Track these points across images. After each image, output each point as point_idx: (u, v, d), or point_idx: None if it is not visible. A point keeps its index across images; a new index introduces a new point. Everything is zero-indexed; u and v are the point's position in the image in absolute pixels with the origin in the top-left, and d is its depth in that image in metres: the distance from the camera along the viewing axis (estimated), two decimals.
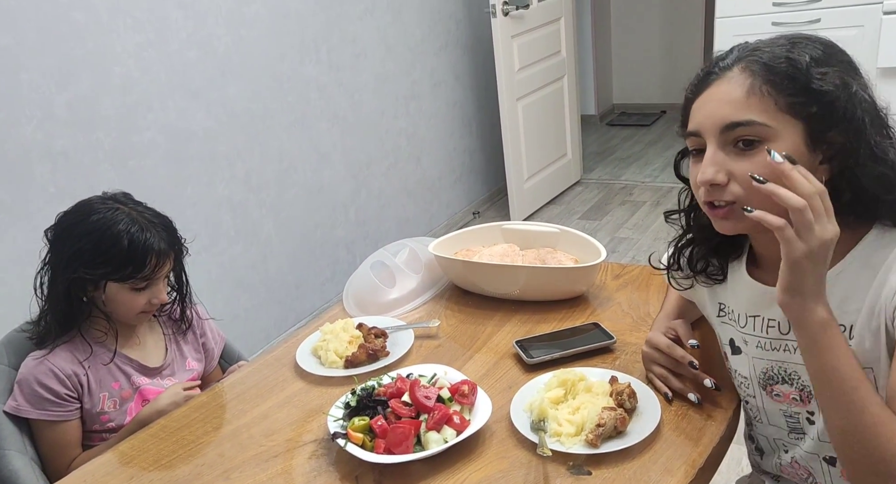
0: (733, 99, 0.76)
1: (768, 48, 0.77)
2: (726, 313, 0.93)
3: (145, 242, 1.15)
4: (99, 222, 1.15)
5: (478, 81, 3.57)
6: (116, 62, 1.96)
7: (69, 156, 1.87)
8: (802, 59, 0.75)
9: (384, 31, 2.93)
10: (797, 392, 0.86)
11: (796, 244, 0.68)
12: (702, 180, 0.78)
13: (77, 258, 1.15)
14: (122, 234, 1.14)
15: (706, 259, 0.93)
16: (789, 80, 0.74)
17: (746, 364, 0.91)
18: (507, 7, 3.11)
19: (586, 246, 1.41)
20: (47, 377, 1.17)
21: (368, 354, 1.20)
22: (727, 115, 0.76)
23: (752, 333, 0.88)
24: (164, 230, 1.20)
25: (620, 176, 3.98)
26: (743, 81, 0.76)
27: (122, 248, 1.14)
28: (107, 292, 1.18)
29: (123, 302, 1.19)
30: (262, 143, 2.44)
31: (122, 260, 1.14)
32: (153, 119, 2.07)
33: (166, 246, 1.19)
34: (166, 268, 1.21)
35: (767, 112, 0.74)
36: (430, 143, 3.31)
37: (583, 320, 1.26)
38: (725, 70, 0.78)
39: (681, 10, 4.72)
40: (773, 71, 0.75)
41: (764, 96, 0.74)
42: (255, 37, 2.36)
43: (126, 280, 1.17)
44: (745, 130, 0.75)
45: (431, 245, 1.48)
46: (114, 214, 1.16)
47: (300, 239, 2.65)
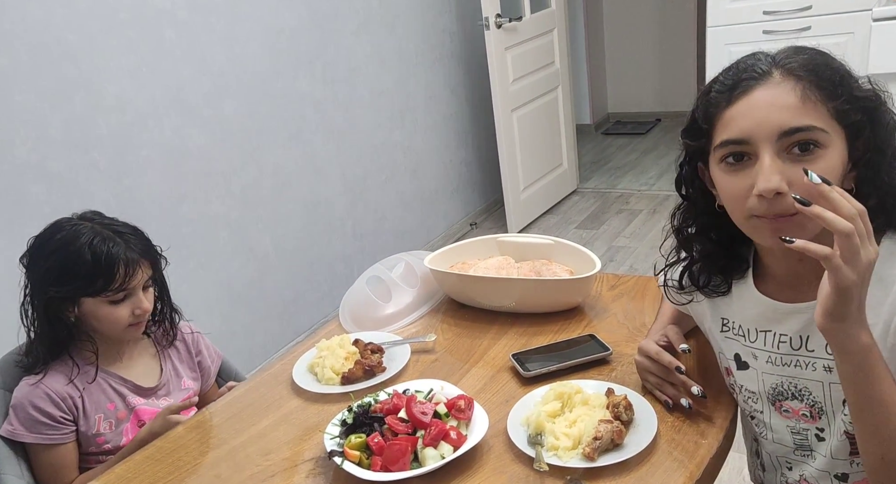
0: (789, 104, 0.73)
1: (802, 56, 0.76)
2: (730, 328, 0.92)
3: (109, 252, 1.14)
4: (62, 240, 1.15)
5: (472, 93, 3.59)
6: (111, 82, 1.97)
7: (64, 176, 1.87)
8: (841, 66, 0.76)
9: (378, 46, 2.95)
10: (807, 408, 0.85)
11: (845, 271, 0.65)
12: (767, 188, 0.72)
13: (46, 279, 1.15)
14: (84, 247, 1.13)
15: (708, 275, 0.92)
16: (836, 87, 0.74)
17: (755, 379, 0.89)
18: (500, 19, 3.13)
19: (581, 257, 1.41)
20: (42, 400, 1.16)
21: (365, 370, 1.19)
22: (785, 121, 0.73)
23: (762, 349, 0.87)
24: (132, 239, 1.18)
25: (617, 185, 3.99)
26: (792, 86, 0.73)
27: (87, 261, 1.13)
28: (84, 310, 1.17)
29: (106, 317, 1.17)
30: (257, 159, 2.44)
31: (90, 274, 1.13)
32: (148, 138, 2.08)
33: (136, 254, 1.17)
34: (139, 276, 1.18)
35: (823, 117, 0.73)
36: (425, 155, 3.32)
37: (579, 332, 1.26)
38: (765, 75, 0.75)
39: (673, 20, 4.75)
40: (819, 76, 0.74)
41: (818, 102, 0.73)
42: (250, 54, 2.37)
43: (99, 293, 1.15)
44: (804, 136, 0.72)
45: (427, 259, 1.48)
46: (77, 229, 1.16)
47: (297, 254, 2.65)
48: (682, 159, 0.88)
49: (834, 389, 0.81)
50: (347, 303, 1.48)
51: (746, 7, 2.72)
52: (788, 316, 0.83)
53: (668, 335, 1.04)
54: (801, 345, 0.83)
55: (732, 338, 0.92)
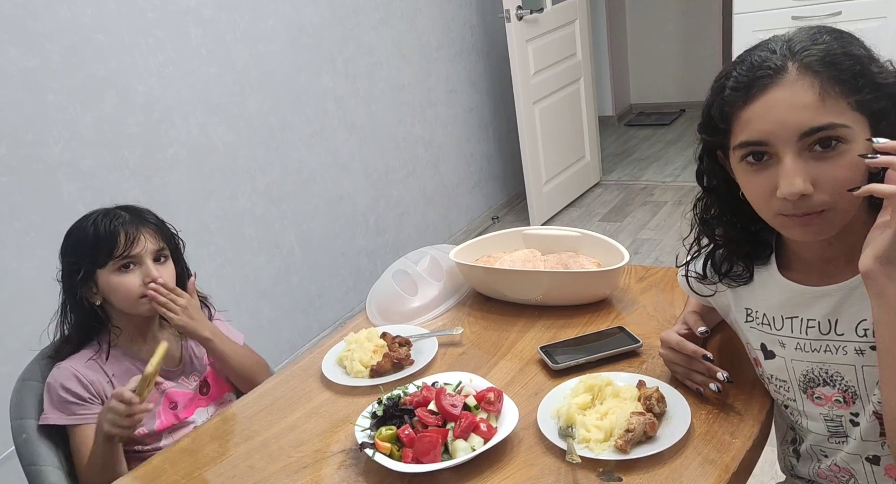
0: (807, 103, 0.71)
1: (818, 45, 0.73)
2: (754, 318, 0.91)
3: (110, 224, 1.21)
4: (75, 224, 1.25)
5: (493, 86, 3.58)
6: (139, 81, 1.99)
7: (96, 174, 1.91)
8: (861, 53, 0.73)
9: (399, 40, 2.95)
10: (840, 394, 0.84)
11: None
12: (792, 192, 0.72)
13: (64, 256, 1.24)
14: (89, 222, 1.22)
15: (731, 262, 0.91)
16: (859, 77, 0.71)
17: (784, 368, 0.89)
18: (521, 11, 3.11)
19: (609, 249, 1.40)
20: (69, 381, 1.20)
21: (393, 362, 1.20)
22: (804, 121, 0.71)
23: (789, 335, 0.86)
24: (137, 212, 1.25)
25: (641, 177, 3.95)
26: (810, 83, 0.71)
27: (90, 235, 1.21)
28: (101, 283, 1.22)
29: (118, 288, 1.22)
30: (281, 155, 2.46)
31: (93, 245, 1.21)
32: (175, 135, 2.11)
33: (138, 223, 1.23)
34: (142, 244, 1.22)
35: (844, 112, 0.71)
36: (447, 149, 3.31)
37: (608, 324, 1.25)
38: (781, 72, 0.72)
39: (697, 7, 4.68)
40: (838, 69, 0.71)
41: (837, 96, 0.71)
42: (273, 51, 2.39)
43: (105, 263, 1.21)
44: (826, 134, 0.71)
45: (452, 252, 1.48)
46: (87, 215, 1.25)
47: (321, 249, 2.67)
48: (700, 151, 0.87)
49: (867, 372, 0.80)
50: (374, 297, 1.48)
51: None
52: (817, 300, 0.83)
53: (687, 322, 1.03)
54: (831, 329, 0.82)
55: (757, 328, 0.91)
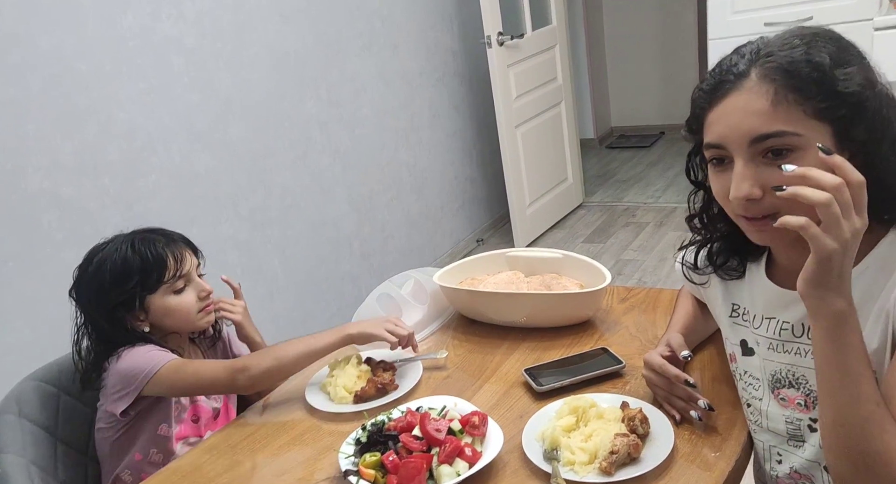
0: (759, 110, 0.72)
1: (784, 51, 0.74)
2: (740, 314, 0.93)
3: (153, 248, 1.20)
4: (104, 257, 1.20)
5: (476, 110, 3.62)
6: (120, 109, 1.99)
7: (76, 203, 1.90)
8: (823, 60, 0.72)
9: (382, 67, 2.98)
10: (803, 397, 0.85)
11: (824, 240, 0.66)
12: (737, 196, 0.75)
13: (104, 291, 1.18)
14: (128, 251, 1.20)
15: (726, 255, 0.93)
16: (815, 85, 0.72)
17: (758, 366, 0.90)
18: (502, 37, 3.16)
19: (591, 270, 1.41)
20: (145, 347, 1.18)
21: (377, 388, 1.19)
22: (755, 128, 0.73)
23: (764, 335, 0.88)
24: (166, 232, 1.26)
25: (622, 198, 3.99)
26: (766, 90, 0.72)
27: (137, 262, 1.19)
28: (154, 309, 1.21)
29: (176, 308, 1.22)
30: (265, 181, 2.46)
31: (143, 271, 1.19)
32: (157, 163, 2.10)
33: (177, 242, 1.24)
34: (189, 260, 1.24)
35: (796, 121, 0.72)
36: (431, 173, 3.33)
37: (591, 346, 1.26)
38: (742, 78, 0.74)
39: (673, 33, 4.79)
40: (796, 77, 0.72)
41: (791, 104, 0.72)
42: (256, 78, 2.40)
43: (159, 285, 1.20)
44: (776, 141, 0.72)
45: (436, 275, 1.48)
46: (113, 245, 1.22)
47: (305, 275, 2.66)
48: (691, 148, 0.89)
49: None
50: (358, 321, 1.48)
51: (747, 19, 2.75)
52: (792, 303, 0.84)
53: (670, 344, 1.04)
54: (803, 332, 0.84)
55: (740, 323, 0.93)
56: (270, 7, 2.43)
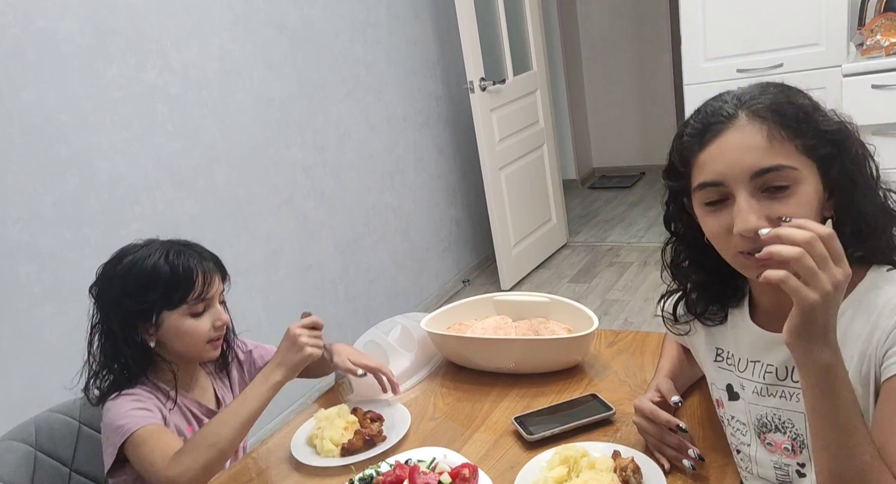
0: (756, 145, 0.75)
1: (766, 96, 0.79)
2: (724, 359, 0.93)
3: (186, 263, 1.14)
4: (135, 259, 1.15)
5: (460, 153, 3.66)
6: (103, 158, 1.99)
7: (55, 254, 1.87)
8: (805, 102, 0.79)
9: (367, 112, 3.02)
10: (789, 441, 0.85)
11: (804, 292, 0.67)
12: (746, 228, 0.75)
13: (125, 296, 1.13)
14: (161, 259, 1.14)
15: (706, 303, 0.93)
16: (802, 124, 0.76)
17: (744, 410, 0.90)
18: (484, 83, 3.23)
19: (578, 314, 1.40)
20: (134, 400, 1.12)
21: (365, 440, 1.17)
22: (755, 162, 0.75)
23: (749, 379, 0.88)
24: (203, 251, 1.20)
25: (606, 238, 4.03)
26: (759, 127, 0.76)
27: (165, 273, 1.13)
28: (166, 326, 1.15)
29: (188, 332, 1.16)
30: (249, 226, 2.45)
31: (169, 285, 1.13)
32: (140, 211, 2.09)
33: (210, 264, 1.19)
34: (216, 286, 1.19)
35: (791, 155, 0.76)
36: (416, 215, 3.35)
37: (580, 391, 1.24)
38: (732, 118, 0.78)
39: (650, 77, 4.92)
40: (784, 116, 0.76)
41: (784, 140, 0.76)
42: (241, 125, 2.42)
43: (179, 304, 1.14)
44: (775, 175, 0.75)
45: (423, 321, 1.47)
46: (147, 249, 1.16)
47: (290, 320, 2.61)
48: (667, 198, 0.91)
49: None
50: None
51: (720, 66, 2.83)
52: (776, 346, 0.84)
53: (660, 389, 1.03)
54: (787, 376, 0.84)
55: (725, 368, 0.92)
56: (256, 56, 2.47)
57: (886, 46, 2.52)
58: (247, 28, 2.43)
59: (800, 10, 2.65)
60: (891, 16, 2.61)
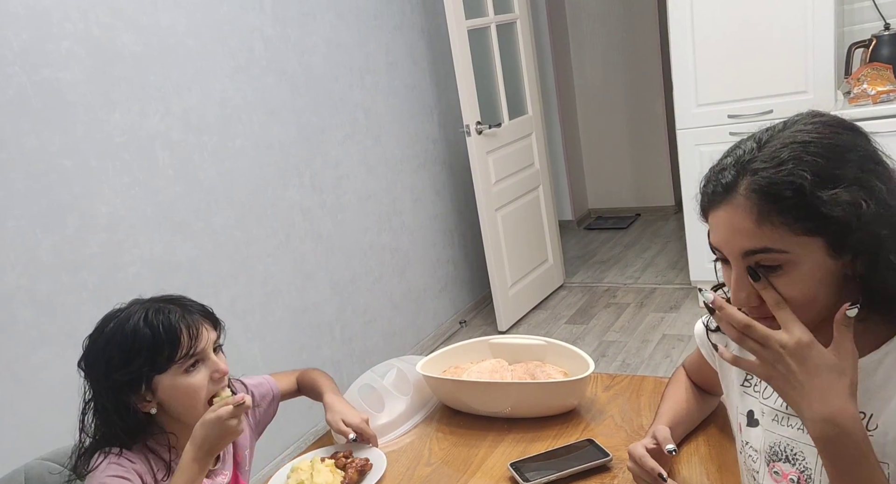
0: (745, 228, 0.73)
1: (767, 169, 0.73)
2: (752, 384, 0.92)
3: (167, 320, 1.07)
4: (115, 326, 1.09)
5: (457, 195, 3.70)
6: (103, 202, 2.01)
7: (53, 299, 1.87)
8: (804, 182, 0.71)
9: (365, 154, 3.07)
10: (797, 473, 0.83)
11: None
12: (735, 303, 0.77)
13: (110, 370, 1.07)
14: (140, 322, 1.07)
15: None
16: (799, 209, 0.71)
17: (759, 437, 0.89)
18: (480, 126, 3.29)
19: (574, 357, 1.40)
20: (116, 466, 1.06)
21: (358, 471, 1.19)
22: (743, 244, 0.74)
23: (771, 406, 0.87)
24: (186, 302, 1.14)
25: (603, 279, 4.03)
26: (750, 209, 0.73)
27: (146, 337, 1.06)
28: (162, 391, 1.08)
29: (186, 391, 1.08)
30: (246, 268, 2.46)
31: (153, 348, 1.06)
32: (138, 254, 2.10)
33: (195, 315, 1.11)
34: (206, 336, 1.11)
35: (782, 239, 0.72)
36: (413, 256, 3.36)
37: (577, 436, 1.24)
38: (730, 191, 0.75)
39: (644, 121, 5.01)
40: (778, 201, 0.72)
41: (776, 225, 0.72)
42: (240, 168, 2.46)
43: (169, 366, 1.07)
44: (763, 257, 0.74)
45: (419, 365, 1.47)
46: (128, 312, 1.10)
47: (285, 362, 2.61)
48: None
49: None
50: None
51: (712, 111, 2.90)
52: None
53: (656, 436, 1.03)
54: None
55: (751, 393, 0.91)
56: (256, 102, 2.52)
57: (873, 95, 2.59)
58: (248, 75, 2.49)
59: (787, 59, 2.73)
60: (877, 66, 2.69)
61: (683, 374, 1.18)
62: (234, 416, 1.03)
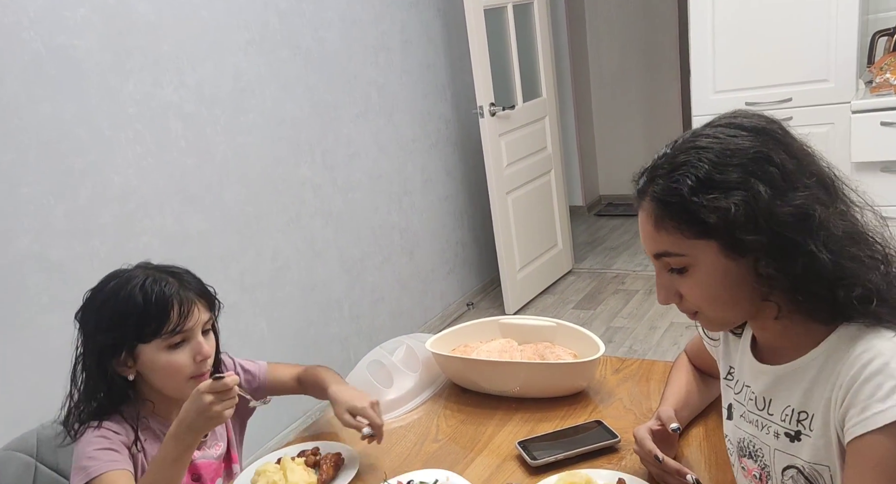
0: (648, 232, 0.79)
1: (665, 171, 0.77)
2: (731, 378, 0.93)
3: (161, 292, 1.06)
4: (113, 287, 1.08)
5: (468, 176, 3.68)
6: (116, 172, 2.01)
7: (65, 266, 1.88)
8: (684, 188, 0.74)
9: (377, 133, 3.05)
10: (759, 470, 0.85)
11: None
12: (659, 301, 0.83)
13: (98, 331, 1.07)
14: (136, 289, 1.06)
15: None
16: (684, 213, 0.75)
17: (733, 431, 0.91)
18: (493, 108, 3.26)
19: (584, 340, 1.40)
20: (102, 439, 1.06)
21: (334, 465, 1.16)
22: (649, 247, 0.80)
23: (741, 401, 0.89)
24: (186, 278, 1.12)
25: (612, 265, 4.02)
26: (650, 214, 0.78)
27: (138, 303, 1.05)
28: (143, 361, 1.08)
29: (165, 367, 1.07)
30: (256, 243, 2.47)
31: (142, 317, 1.05)
32: (150, 224, 2.11)
33: (191, 293, 1.09)
34: (196, 316, 1.09)
35: (677, 242, 0.77)
36: (422, 236, 3.36)
37: (585, 418, 1.23)
38: (641, 196, 0.80)
39: (659, 107, 4.96)
40: (667, 207, 0.76)
41: (669, 230, 0.76)
42: (252, 143, 2.45)
43: (154, 337, 1.06)
44: (667, 259, 0.79)
45: (429, 342, 1.47)
46: (129, 274, 1.10)
47: (293, 338, 2.62)
48: None
49: (777, 456, 0.82)
50: None
51: (729, 98, 2.84)
52: (759, 376, 0.85)
53: (661, 417, 1.04)
54: (765, 406, 0.84)
55: (730, 386, 0.93)
56: (270, 76, 2.51)
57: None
58: (262, 48, 2.47)
59: (809, 46, 2.68)
60: None
61: (686, 359, 1.19)
62: (217, 402, 0.99)
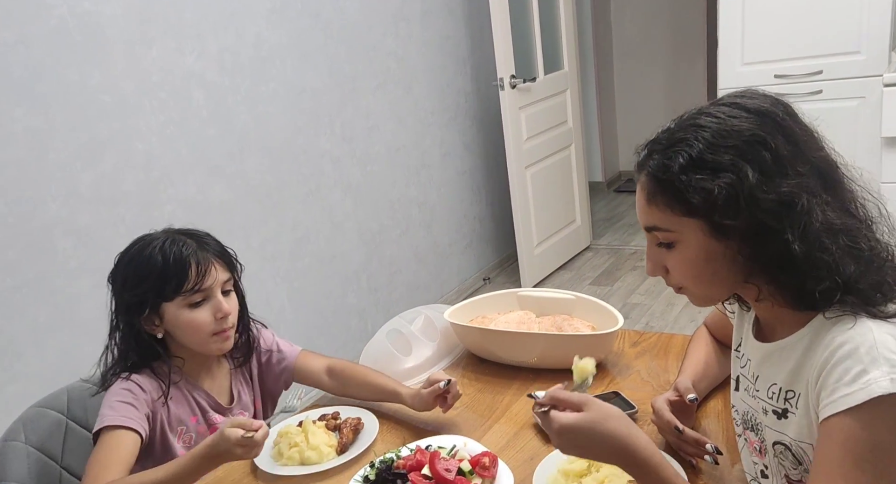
0: (641, 205, 0.81)
1: (662, 147, 0.78)
2: (739, 351, 0.94)
3: (179, 252, 1.12)
4: (137, 249, 1.15)
5: (487, 150, 3.67)
6: (140, 140, 2.03)
7: (91, 231, 1.91)
8: (674, 166, 0.75)
9: (396, 105, 3.04)
10: (759, 442, 0.86)
11: None
12: (647, 273, 0.85)
13: (126, 287, 1.14)
14: (156, 250, 1.13)
15: None
16: (674, 190, 0.76)
17: (739, 402, 0.92)
18: (514, 80, 3.23)
19: (602, 313, 1.41)
20: (126, 392, 1.12)
21: (353, 430, 1.19)
22: (642, 219, 0.82)
23: (745, 375, 0.89)
24: (205, 239, 1.18)
25: (630, 242, 4.00)
26: (644, 188, 0.80)
27: (157, 263, 1.12)
28: (167, 319, 1.14)
29: (188, 324, 1.13)
30: (277, 214, 2.49)
31: (162, 276, 1.12)
32: (173, 193, 2.13)
33: (208, 253, 1.15)
34: (214, 275, 1.14)
35: (666, 218, 0.78)
36: (440, 210, 3.36)
37: (602, 389, 1.25)
38: (640, 169, 0.81)
39: (683, 81, 4.87)
40: (659, 183, 0.77)
41: (660, 205, 0.78)
42: (273, 113, 2.45)
43: (174, 295, 1.12)
44: (656, 233, 0.80)
45: (447, 312, 1.48)
46: (150, 238, 1.16)
47: (312, 308, 2.66)
48: None
49: (767, 432, 0.83)
50: (367, 356, 1.47)
51: (758, 71, 2.79)
52: (756, 350, 0.86)
53: (678, 387, 1.05)
54: (754, 381, 0.86)
55: (737, 359, 0.94)
56: (290, 45, 2.50)
57: None
58: (283, 17, 2.46)
59: (841, 16, 2.61)
60: None
61: (705, 330, 1.19)
62: (242, 444, 0.98)
